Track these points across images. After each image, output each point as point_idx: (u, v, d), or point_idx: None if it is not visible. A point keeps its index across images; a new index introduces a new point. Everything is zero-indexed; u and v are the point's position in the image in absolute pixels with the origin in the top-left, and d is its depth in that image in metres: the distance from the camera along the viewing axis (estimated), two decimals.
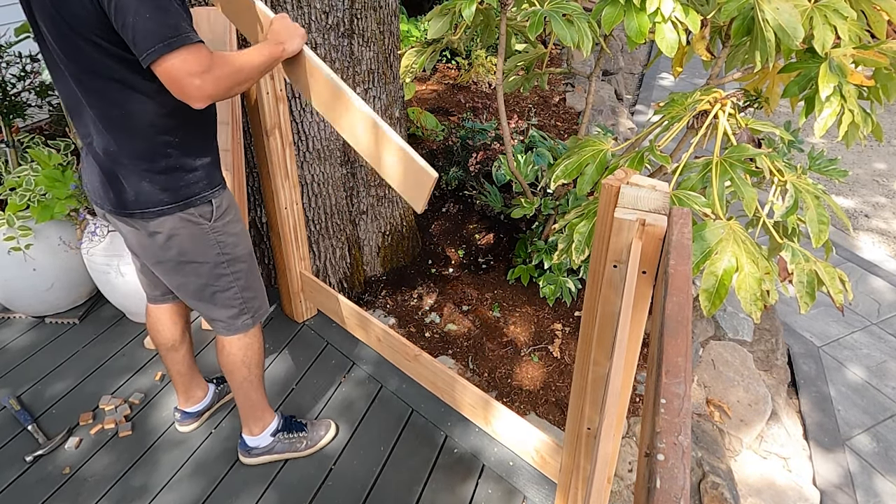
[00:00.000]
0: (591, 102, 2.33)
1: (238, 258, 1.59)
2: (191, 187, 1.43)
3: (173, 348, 1.85)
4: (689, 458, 0.62)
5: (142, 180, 1.38)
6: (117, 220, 1.48)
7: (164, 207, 1.41)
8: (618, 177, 1.11)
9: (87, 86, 1.28)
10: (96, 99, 1.29)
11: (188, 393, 1.96)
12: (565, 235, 1.63)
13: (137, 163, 1.36)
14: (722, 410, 2.35)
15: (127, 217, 1.44)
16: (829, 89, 1.48)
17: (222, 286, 1.59)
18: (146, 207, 1.40)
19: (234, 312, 1.65)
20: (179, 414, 1.99)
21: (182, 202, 1.42)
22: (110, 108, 1.30)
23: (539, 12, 1.79)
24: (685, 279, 0.87)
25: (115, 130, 1.33)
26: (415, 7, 5.56)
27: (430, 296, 2.69)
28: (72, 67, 1.26)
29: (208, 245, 1.51)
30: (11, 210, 2.15)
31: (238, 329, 1.68)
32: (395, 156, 1.40)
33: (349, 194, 2.52)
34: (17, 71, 2.76)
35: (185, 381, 1.93)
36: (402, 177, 1.41)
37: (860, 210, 3.99)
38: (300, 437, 1.91)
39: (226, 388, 2.10)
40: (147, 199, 1.40)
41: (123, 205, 1.41)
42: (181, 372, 1.91)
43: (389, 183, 1.46)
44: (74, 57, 1.24)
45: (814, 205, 1.43)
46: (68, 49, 1.23)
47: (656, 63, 6.28)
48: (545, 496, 1.82)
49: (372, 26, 2.27)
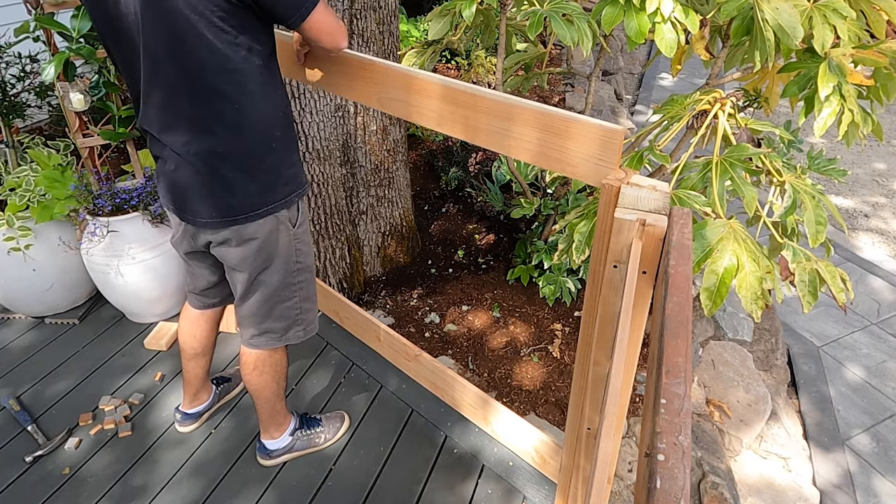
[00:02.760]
0: (590, 102, 2.33)
1: (307, 267, 1.58)
2: (288, 185, 1.43)
3: (202, 354, 1.85)
4: (689, 458, 0.62)
5: (249, 181, 1.37)
6: (210, 231, 1.43)
7: (267, 208, 1.40)
8: (618, 177, 1.11)
9: (196, 84, 1.25)
10: (207, 96, 1.27)
11: (196, 395, 1.96)
12: (566, 236, 1.63)
13: (246, 162, 1.35)
14: (722, 410, 2.35)
15: (226, 225, 1.40)
16: (828, 89, 1.48)
17: (287, 296, 1.57)
18: (251, 210, 1.39)
19: (288, 324, 1.62)
20: (180, 415, 1.98)
21: (281, 201, 1.42)
22: (223, 103, 1.28)
23: (539, 12, 1.79)
24: (685, 279, 0.87)
25: (224, 128, 1.31)
26: (414, 7, 5.56)
27: (429, 296, 2.69)
28: (178, 69, 1.23)
29: (290, 252, 1.50)
30: (11, 210, 2.15)
31: (288, 340, 1.65)
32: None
33: (349, 194, 2.52)
34: (16, 71, 2.76)
35: (198, 385, 1.94)
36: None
37: (860, 210, 3.99)
38: (318, 433, 1.93)
39: (226, 388, 2.10)
40: (253, 202, 1.39)
41: (225, 211, 1.38)
42: (199, 376, 1.91)
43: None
44: (187, 53, 1.21)
45: (812, 205, 1.43)
46: (179, 47, 1.21)
47: (656, 63, 6.28)
48: (545, 496, 1.82)
49: (371, 26, 2.27)
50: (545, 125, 1.18)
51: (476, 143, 1.34)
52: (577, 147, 1.16)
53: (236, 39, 1.23)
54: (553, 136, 1.19)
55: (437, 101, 1.35)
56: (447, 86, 1.31)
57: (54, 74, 2.07)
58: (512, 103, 1.21)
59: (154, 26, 1.20)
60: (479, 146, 3.37)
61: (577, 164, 1.18)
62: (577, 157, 1.17)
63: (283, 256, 1.50)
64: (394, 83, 1.42)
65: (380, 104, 1.48)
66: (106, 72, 2.28)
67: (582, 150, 1.15)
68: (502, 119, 1.25)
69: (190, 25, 1.18)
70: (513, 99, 1.22)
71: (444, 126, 1.37)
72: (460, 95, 1.29)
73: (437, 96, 1.34)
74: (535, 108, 1.19)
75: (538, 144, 1.22)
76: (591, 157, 1.15)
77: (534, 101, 1.22)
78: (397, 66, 1.41)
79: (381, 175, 2.58)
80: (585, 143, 1.14)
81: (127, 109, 2.33)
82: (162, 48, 1.22)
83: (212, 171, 1.35)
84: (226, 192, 1.37)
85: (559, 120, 1.16)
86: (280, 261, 1.50)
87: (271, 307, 1.57)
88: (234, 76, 1.26)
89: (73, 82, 2.18)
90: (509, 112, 1.23)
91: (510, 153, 1.28)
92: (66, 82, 2.17)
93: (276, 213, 1.43)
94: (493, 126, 1.27)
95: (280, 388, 1.77)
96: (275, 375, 1.71)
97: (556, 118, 1.16)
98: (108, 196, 2.22)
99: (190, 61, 1.22)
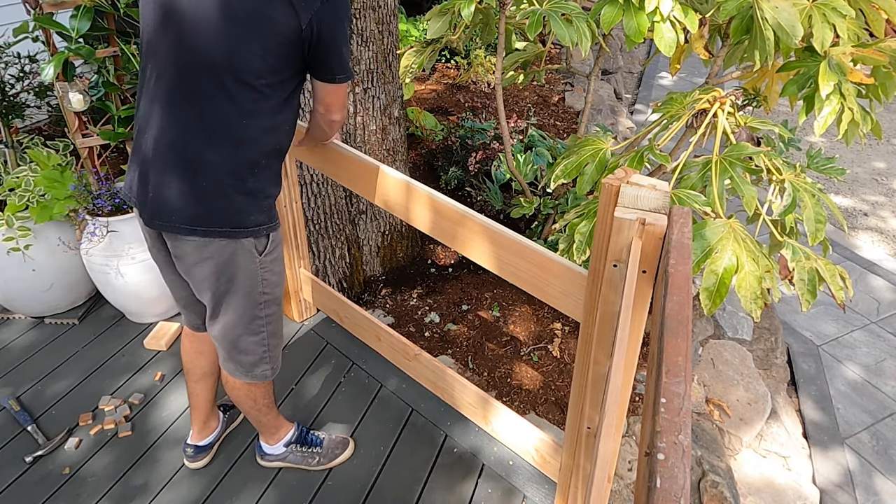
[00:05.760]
0: (590, 102, 2.33)
1: (275, 300, 1.53)
2: (261, 215, 1.40)
3: (208, 374, 1.76)
4: (689, 457, 0.62)
5: (223, 196, 1.33)
6: (176, 238, 1.38)
7: (232, 230, 1.35)
8: (618, 176, 1.11)
9: (224, 89, 1.26)
10: (224, 104, 1.27)
11: (205, 425, 1.85)
12: (566, 235, 1.63)
13: (228, 176, 1.32)
14: (722, 409, 2.35)
15: (186, 234, 1.35)
16: (828, 88, 1.48)
17: (254, 329, 1.52)
18: (214, 226, 1.34)
19: (255, 360, 1.57)
20: (192, 449, 1.86)
21: (251, 228, 1.38)
22: (237, 116, 1.29)
23: (538, 12, 1.79)
24: (685, 278, 0.87)
25: (224, 139, 1.30)
26: (414, 7, 5.56)
27: (429, 295, 2.69)
28: (219, 73, 1.25)
29: (256, 279, 1.45)
30: (11, 211, 2.15)
31: (255, 377, 1.60)
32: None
33: (348, 194, 2.52)
34: (16, 71, 2.76)
35: (206, 413, 1.84)
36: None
37: (859, 209, 3.99)
38: (313, 453, 1.87)
39: (232, 414, 2.01)
40: (220, 218, 1.34)
41: (191, 219, 1.33)
42: (207, 400, 1.81)
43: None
44: (229, 55, 1.24)
45: (811, 203, 1.43)
46: (228, 45, 1.24)
47: (655, 62, 6.28)
48: (545, 495, 1.82)
49: (371, 26, 2.27)
50: (525, 256, 1.42)
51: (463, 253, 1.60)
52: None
53: (278, 65, 1.30)
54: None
55: (429, 212, 1.62)
56: (435, 199, 1.57)
57: (53, 74, 2.07)
58: (495, 230, 1.45)
59: (210, 31, 1.24)
60: (478, 147, 3.36)
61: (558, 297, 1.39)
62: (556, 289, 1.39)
63: (246, 283, 1.44)
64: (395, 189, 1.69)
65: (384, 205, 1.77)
66: (105, 72, 2.28)
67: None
68: (487, 241, 1.50)
69: (245, 35, 1.24)
70: (495, 226, 1.46)
71: (433, 233, 1.64)
72: (448, 211, 1.55)
73: (428, 207, 1.61)
74: (514, 239, 1.42)
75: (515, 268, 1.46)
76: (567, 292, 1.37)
77: (533, 100, 1.23)
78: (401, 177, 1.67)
79: None
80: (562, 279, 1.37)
81: (126, 109, 2.33)
82: (206, 42, 1.24)
83: (195, 175, 1.31)
84: (199, 200, 1.33)
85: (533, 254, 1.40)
86: (244, 287, 1.44)
87: (237, 336, 1.52)
88: (260, 93, 1.30)
89: (73, 82, 2.17)
90: (491, 236, 1.47)
91: (488, 266, 1.52)
92: (66, 82, 2.17)
93: (243, 238, 1.38)
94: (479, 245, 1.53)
95: (259, 405, 1.71)
96: (248, 395, 1.66)
97: (533, 253, 1.40)
98: (108, 196, 2.22)
99: (233, 64, 1.26)
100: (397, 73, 2.48)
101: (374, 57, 2.33)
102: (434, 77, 4.88)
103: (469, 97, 4.46)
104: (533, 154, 2.91)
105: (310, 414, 2.08)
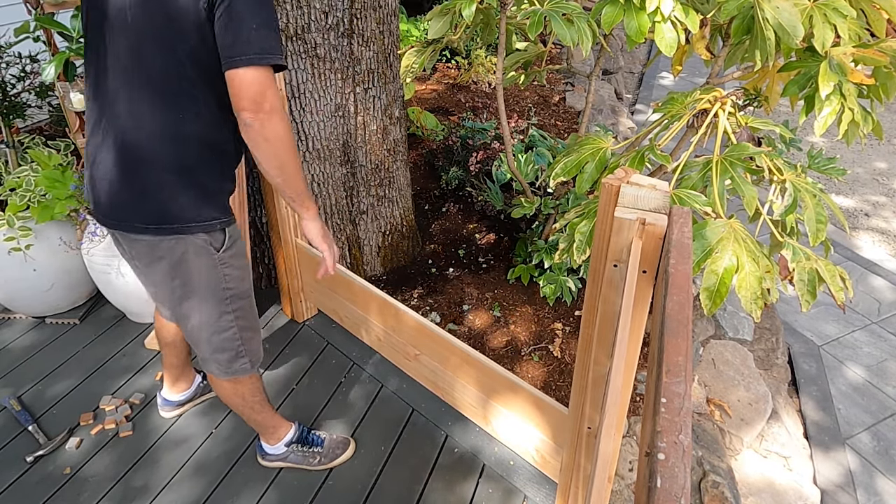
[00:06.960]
0: (591, 102, 2.33)
1: (242, 294, 1.52)
2: (213, 210, 1.38)
3: (172, 343, 1.88)
4: (689, 457, 0.62)
5: (175, 192, 1.31)
6: (129, 237, 1.38)
7: (185, 225, 1.34)
8: (618, 176, 1.11)
9: (162, 83, 1.25)
10: (170, 99, 1.26)
11: (174, 383, 2.00)
12: (566, 235, 1.62)
13: (180, 172, 1.31)
14: (722, 409, 2.35)
15: (138, 233, 1.35)
16: (829, 88, 1.48)
17: (223, 326, 1.51)
18: (164, 223, 1.33)
19: (231, 355, 1.57)
20: (161, 399, 2.03)
21: (204, 223, 1.36)
22: (173, 111, 1.27)
23: (539, 12, 1.79)
24: (685, 278, 0.87)
25: (165, 135, 1.28)
26: (414, 7, 5.56)
27: (430, 295, 2.69)
28: (152, 68, 1.24)
29: (217, 277, 1.44)
30: (12, 211, 2.15)
31: (235, 372, 1.60)
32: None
33: (349, 194, 2.52)
34: (16, 71, 2.76)
35: (175, 373, 1.97)
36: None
37: (860, 209, 3.99)
38: (314, 452, 1.88)
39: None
40: (170, 215, 1.33)
41: (142, 218, 1.33)
42: (174, 364, 1.95)
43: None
44: (164, 53, 1.23)
45: (812, 203, 1.43)
46: (158, 45, 1.23)
47: (656, 62, 6.28)
48: (545, 495, 1.82)
49: (371, 26, 2.27)
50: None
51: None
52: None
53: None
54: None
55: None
56: (421, 324, 1.81)
57: (54, 74, 2.08)
58: (484, 365, 1.63)
59: (140, 24, 1.23)
60: (479, 147, 3.36)
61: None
62: None
63: (206, 281, 1.43)
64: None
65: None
66: None
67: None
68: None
69: (174, 31, 1.22)
70: (486, 362, 1.65)
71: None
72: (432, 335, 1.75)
73: (415, 331, 1.83)
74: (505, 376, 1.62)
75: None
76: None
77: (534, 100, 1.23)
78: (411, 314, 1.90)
79: (382, 175, 2.58)
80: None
81: None
82: (140, 43, 1.24)
83: (148, 172, 1.31)
84: (152, 199, 1.32)
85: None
86: (204, 286, 1.43)
87: (209, 336, 1.52)
88: (202, 86, 1.27)
89: (74, 82, 2.18)
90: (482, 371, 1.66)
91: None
92: (67, 82, 2.17)
93: (195, 234, 1.36)
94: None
95: (250, 403, 1.71)
96: (235, 392, 1.67)
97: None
98: None
99: (168, 63, 1.25)
100: (398, 73, 2.48)
101: (374, 57, 2.33)
102: (435, 77, 4.89)
103: (470, 97, 4.46)
104: (534, 154, 2.91)
105: (310, 414, 2.08)
